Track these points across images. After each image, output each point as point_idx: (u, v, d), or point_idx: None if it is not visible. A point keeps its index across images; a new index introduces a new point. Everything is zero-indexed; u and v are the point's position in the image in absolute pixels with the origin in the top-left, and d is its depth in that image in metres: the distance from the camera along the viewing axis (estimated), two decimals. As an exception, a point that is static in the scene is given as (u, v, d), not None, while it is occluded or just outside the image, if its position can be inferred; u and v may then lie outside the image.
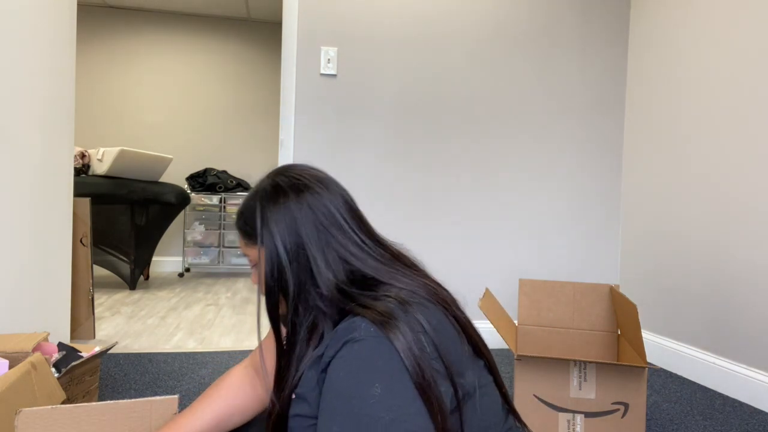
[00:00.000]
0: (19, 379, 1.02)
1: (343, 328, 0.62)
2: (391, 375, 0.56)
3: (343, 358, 0.59)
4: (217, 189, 4.46)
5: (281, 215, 0.69)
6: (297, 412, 0.65)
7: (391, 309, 0.61)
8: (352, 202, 0.74)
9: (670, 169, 2.23)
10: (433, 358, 0.59)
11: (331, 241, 0.69)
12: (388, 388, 0.56)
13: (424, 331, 0.61)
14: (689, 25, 2.15)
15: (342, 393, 0.57)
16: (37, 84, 1.80)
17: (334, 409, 0.56)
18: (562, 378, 1.32)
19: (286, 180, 0.72)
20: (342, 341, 0.60)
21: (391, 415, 0.54)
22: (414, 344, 0.58)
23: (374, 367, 0.57)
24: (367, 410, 0.54)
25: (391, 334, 0.58)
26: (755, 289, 1.80)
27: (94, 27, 4.63)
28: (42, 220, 1.86)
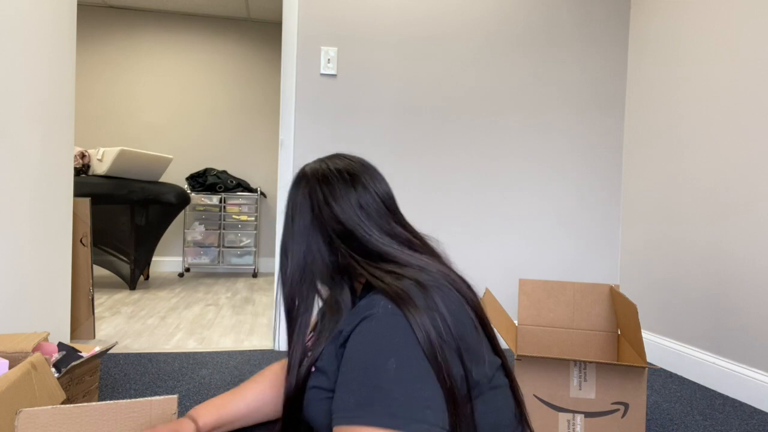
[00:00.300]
0: (19, 379, 1.02)
1: (363, 305, 0.64)
2: (406, 350, 0.58)
3: (360, 333, 0.61)
4: (217, 189, 4.46)
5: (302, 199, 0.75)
6: (315, 384, 0.67)
7: (409, 288, 0.63)
8: (388, 193, 0.78)
9: (670, 169, 2.23)
10: (446, 340, 0.60)
11: (360, 224, 0.72)
12: (402, 362, 0.57)
13: (440, 313, 0.62)
14: (689, 25, 2.15)
15: (358, 365, 0.59)
16: (37, 84, 1.80)
17: (351, 380, 0.58)
18: (562, 378, 1.31)
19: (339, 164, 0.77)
20: (360, 317, 0.62)
21: (404, 389, 0.56)
22: (429, 324, 0.60)
23: (390, 342, 0.59)
24: (382, 382, 0.56)
25: (407, 311, 0.60)
26: (755, 289, 1.80)
27: (94, 27, 4.63)
28: (42, 220, 1.86)
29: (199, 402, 1.61)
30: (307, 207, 0.74)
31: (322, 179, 0.75)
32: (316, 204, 0.73)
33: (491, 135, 2.46)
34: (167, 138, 4.75)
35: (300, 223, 0.74)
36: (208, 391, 1.70)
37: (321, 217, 0.73)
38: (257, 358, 2.11)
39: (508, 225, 2.48)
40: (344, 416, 0.57)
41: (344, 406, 0.58)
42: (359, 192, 0.74)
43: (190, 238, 4.49)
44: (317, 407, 0.67)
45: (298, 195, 0.76)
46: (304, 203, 0.75)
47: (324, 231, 0.72)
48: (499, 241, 2.47)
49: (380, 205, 0.74)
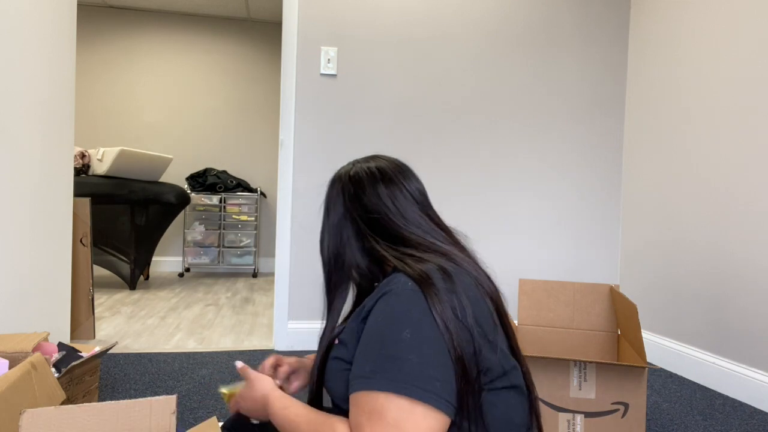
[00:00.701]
0: (19, 379, 1.02)
1: (385, 282, 0.68)
2: (421, 324, 0.61)
3: (379, 307, 0.65)
4: (217, 189, 4.46)
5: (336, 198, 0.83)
6: (337, 354, 0.72)
7: (431, 270, 0.67)
8: (419, 189, 0.84)
9: (670, 169, 2.23)
10: (461, 320, 0.63)
11: (386, 212, 0.78)
12: (417, 334, 0.60)
13: (458, 295, 0.65)
14: (689, 25, 2.15)
15: (375, 335, 0.62)
16: (37, 84, 1.80)
17: (368, 350, 0.62)
18: (562, 378, 1.32)
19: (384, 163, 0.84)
20: (381, 292, 0.67)
21: (417, 359, 0.59)
22: (447, 303, 0.63)
23: (407, 316, 0.62)
24: (397, 352, 0.60)
25: (426, 290, 0.64)
26: (755, 289, 1.80)
27: (94, 27, 4.63)
28: (42, 220, 1.86)
29: (198, 402, 1.61)
30: (340, 201, 0.81)
31: (353, 176, 0.82)
32: (347, 197, 0.81)
33: (491, 135, 2.46)
34: (167, 138, 4.75)
35: (334, 216, 0.81)
36: (208, 391, 1.70)
37: (351, 208, 0.80)
38: (257, 358, 2.11)
39: (508, 225, 2.48)
40: (360, 383, 0.60)
41: (360, 373, 0.61)
42: (387, 185, 0.80)
43: (190, 238, 4.49)
44: (336, 377, 0.70)
45: (332, 192, 0.84)
46: (337, 199, 0.82)
47: (354, 221, 0.79)
48: (499, 240, 2.47)
49: (409, 198, 0.80)
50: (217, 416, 1.47)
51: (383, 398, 0.57)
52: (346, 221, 0.80)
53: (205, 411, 1.54)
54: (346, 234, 0.80)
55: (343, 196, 0.82)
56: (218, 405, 1.59)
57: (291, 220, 2.28)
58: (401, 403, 0.57)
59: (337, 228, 0.81)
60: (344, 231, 0.80)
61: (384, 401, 0.57)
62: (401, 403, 0.57)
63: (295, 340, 2.28)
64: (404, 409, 0.57)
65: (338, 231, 0.81)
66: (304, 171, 2.29)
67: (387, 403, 0.57)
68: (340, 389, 0.69)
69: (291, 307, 2.29)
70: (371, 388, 0.59)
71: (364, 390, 0.59)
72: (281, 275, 2.28)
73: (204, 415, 1.52)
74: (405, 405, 0.57)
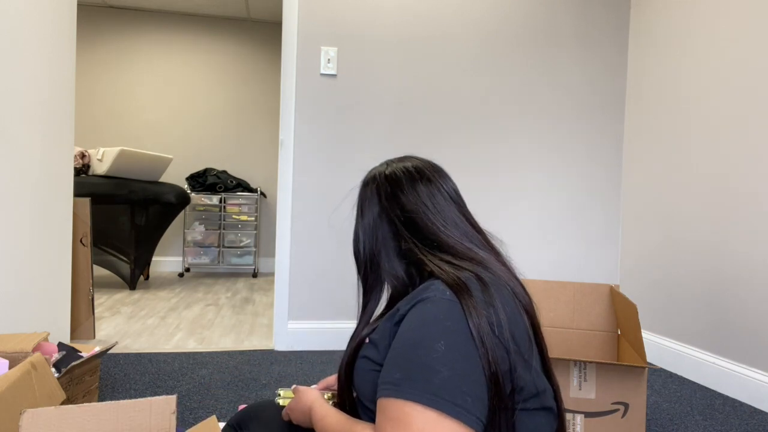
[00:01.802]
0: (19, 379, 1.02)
1: (421, 289, 0.67)
2: (456, 335, 0.59)
3: (415, 314, 0.63)
4: (217, 189, 4.46)
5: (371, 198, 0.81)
6: (366, 354, 0.71)
7: (468, 280, 0.65)
8: (455, 189, 0.83)
9: (670, 169, 2.23)
10: (497, 335, 0.61)
11: (425, 212, 0.76)
12: (451, 346, 0.58)
13: (496, 309, 0.63)
14: (689, 24, 2.15)
15: (408, 343, 0.60)
16: (37, 84, 1.80)
17: (398, 357, 0.60)
18: (562, 378, 1.31)
19: (418, 163, 0.83)
20: (417, 299, 0.65)
21: (449, 372, 0.57)
22: (484, 316, 0.61)
23: (443, 326, 0.60)
24: (429, 361, 0.58)
25: (463, 300, 0.62)
26: (755, 289, 1.80)
27: (94, 27, 4.63)
28: (42, 220, 1.86)
29: (198, 402, 1.61)
30: (376, 201, 0.80)
31: (390, 175, 0.80)
32: (384, 197, 0.79)
33: (491, 135, 2.46)
34: (167, 138, 4.75)
35: (369, 216, 0.80)
36: (208, 391, 1.70)
37: (388, 208, 0.78)
38: (257, 358, 2.11)
39: (508, 225, 2.48)
40: (388, 389, 0.59)
41: (389, 379, 0.59)
42: (425, 184, 0.78)
43: (190, 238, 4.49)
44: (363, 377, 0.70)
45: (366, 192, 0.82)
46: (372, 198, 0.80)
47: (391, 221, 0.78)
48: (499, 240, 2.46)
49: (446, 197, 0.79)
50: (216, 416, 1.47)
51: (410, 408, 0.56)
52: (382, 221, 0.78)
53: (205, 411, 1.54)
54: (382, 234, 0.78)
55: (379, 196, 0.80)
56: (218, 405, 1.59)
57: (291, 220, 2.28)
58: (429, 415, 0.55)
59: (373, 228, 0.79)
60: (380, 231, 0.79)
61: (411, 411, 0.55)
62: (429, 415, 0.55)
63: (295, 340, 2.28)
64: (431, 421, 0.55)
65: (374, 231, 0.79)
66: (304, 171, 2.29)
67: (414, 413, 0.55)
68: (366, 388, 0.69)
69: (291, 307, 2.29)
70: (399, 396, 0.57)
71: (391, 397, 0.58)
72: (281, 275, 2.28)
73: (204, 415, 1.52)
74: (432, 417, 0.55)
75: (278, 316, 2.28)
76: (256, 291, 3.82)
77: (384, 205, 0.78)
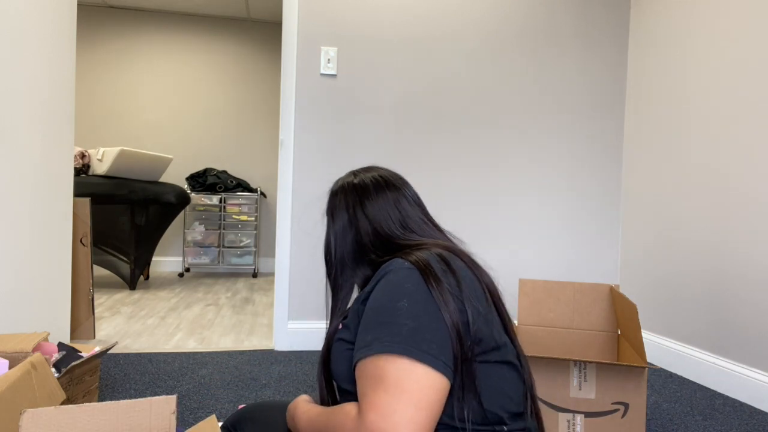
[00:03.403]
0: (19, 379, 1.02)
1: (383, 267, 0.72)
2: (417, 295, 0.65)
3: (380, 286, 0.69)
4: (217, 189, 4.46)
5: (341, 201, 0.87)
6: (340, 336, 0.75)
7: (427, 255, 0.71)
8: (417, 195, 0.91)
9: (670, 169, 2.23)
10: (454, 293, 0.66)
11: (387, 221, 0.83)
12: (413, 303, 0.64)
13: (454, 273, 0.68)
14: (689, 25, 2.15)
15: (374, 308, 0.66)
16: (37, 84, 1.80)
17: (367, 323, 0.65)
18: (562, 378, 1.32)
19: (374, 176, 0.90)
20: (380, 276, 0.70)
21: (414, 324, 0.61)
22: (442, 281, 0.66)
23: (403, 288, 0.66)
24: (394, 318, 0.62)
25: (421, 267, 0.67)
26: (755, 289, 1.80)
27: (94, 27, 4.63)
28: (42, 220, 1.86)
29: (198, 402, 1.61)
30: (343, 209, 0.86)
31: (358, 184, 0.87)
32: (352, 205, 0.85)
33: (491, 135, 2.46)
34: (167, 138, 4.75)
35: (339, 223, 0.85)
36: (208, 391, 1.70)
37: (355, 216, 0.84)
38: (257, 358, 2.11)
39: (508, 224, 2.48)
40: (359, 353, 0.63)
41: (361, 344, 0.63)
42: (392, 191, 0.86)
43: (190, 238, 4.49)
44: (339, 358, 0.73)
45: (336, 201, 0.88)
46: (341, 206, 0.86)
47: (358, 230, 0.84)
48: (499, 241, 2.47)
49: (411, 202, 0.86)
50: (216, 416, 1.47)
51: (383, 361, 0.59)
52: (351, 228, 0.84)
53: (205, 411, 1.54)
54: (351, 240, 0.84)
55: (347, 204, 0.86)
56: (218, 405, 1.59)
57: (291, 220, 2.28)
58: (400, 362, 0.58)
59: (342, 235, 0.85)
60: (348, 237, 0.84)
61: (384, 363, 0.59)
62: (400, 363, 0.58)
63: (295, 340, 2.28)
64: (404, 368, 0.58)
65: (343, 237, 0.85)
66: (304, 171, 2.29)
67: (386, 364, 0.59)
68: (343, 369, 0.72)
69: (291, 307, 2.29)
70: (371, 353, 0.60)
71: (364, 358, 0.61)
72: (281, 275, 2.28)
73: (204, 415, 1.52)
74: (404, 364, 0.58)
75: (278, 316, 2.28)
76: (256, 291, 3.82)
77: (351, 213, 0.85)
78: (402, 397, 0.56)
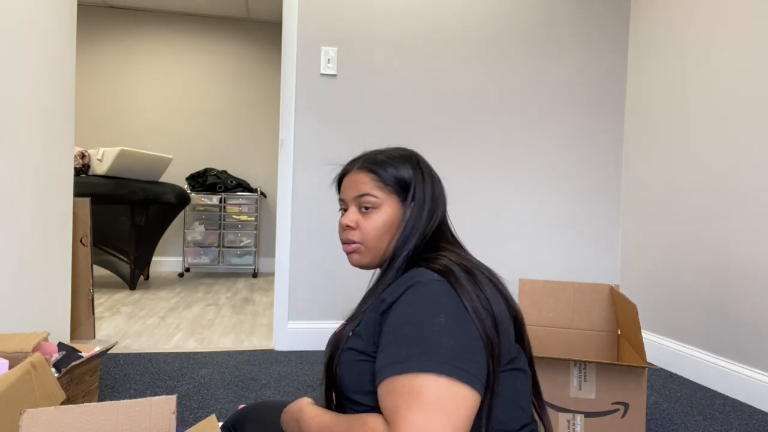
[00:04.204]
0: (19, 379, 1.02)
1: (406, 277, 0.70)
2: (453, 309, 0.64)
3: (407, 299, 0.66)
4: (217, 189, 4.46)
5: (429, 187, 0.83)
6: (351, 345, 0.72)
7: (451, 265, 0.70)
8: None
9: (670, 169, 2.23)
10: (485, 307, 0.66)
11: (432, 219, 0.81)
12: (451, 319, 0.62)
13: (480, 286, 0.68)
14: (689, 25, 2.15)
15: (409, 322, 0.63)
16: (38, 84, 1.80)
17: (400, 337, 0.62)
18: (562, 378, 1.32)
19: (425, 162, 0.87)
20: (405, 286, 0.68)
21: (452, 342, 0.60)
22: (472, 292, 0.66)
23: (439, 303, 0.64)
24: (433, 335, 0.60)
25: (451, 280, 0.67)
26: (755, 289, 1.80)
27: (94, 27, 4.63)
28: (42, 220, 1.86)
29: (198, 402, 1.61)
30: (429, 185, 0.83)
31: (437, 178, 0.85)
32: (433, 184, 0.83)
33: (491, 135, 2.46)
34: (167, 138, 4.75)
35: (420, 194, 0.81)
36: (208, 391, 1.70)
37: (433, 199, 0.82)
38: (257, 358, 2.11)
39: (508, 225, 2.48)
40: (392, 369, 0.60)
41: (394, 359, 0.60)
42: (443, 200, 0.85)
43: (190, 238, 4.49)
44: (349, 368, 0.71)
45: (422, 170, 0.83)
46: (426, 179, 0.83)
47: (430, 212, 0.81)
48: (499, 240, 2.47)
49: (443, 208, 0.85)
50: (216, 416, 1.47)
51: (422, 378, 0.57)
52: (430, 205, 0.82)
53: (205, 411, 1.54)
54: (425, 218, 0.81)
55: (433, 181, 0.84)
56: (218, 405, 1.59)
57: (291, 220, 2.28)
58: (441, 382, 0.57)
59: (420, 207, 0.81)
60: (423, 214, 0.81)
61: (423, 381, 0.57)
62: (441, 383, 0.57)
63: (295, 340, 2.28)
64: (444, 388, 0.56)
65: (420, 211, 0.81)
66: (304, 171, 2.29)
67: (426, 382, 0.57)
68: (352, 379, 0.70)
69: (291, 307, 2.29)
70: (408, 371, 0.58)
71: (399, 374, 0.59)
72: (281, 275, 2.28)
73: (204, 415, 1.52)
74: (445, 384, 0.57)
75: (278, 316, 2.28)
76: (256, 291, 3.82)
77: (432, 190, 0.82)
78: (441, 417, 0.54)
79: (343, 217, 0.83)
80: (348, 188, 0.84)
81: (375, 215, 0.80)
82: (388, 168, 0.82)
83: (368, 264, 0.83)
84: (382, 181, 0.81)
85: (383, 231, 0.80)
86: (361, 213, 0.81)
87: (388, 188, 0.81)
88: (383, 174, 0.81)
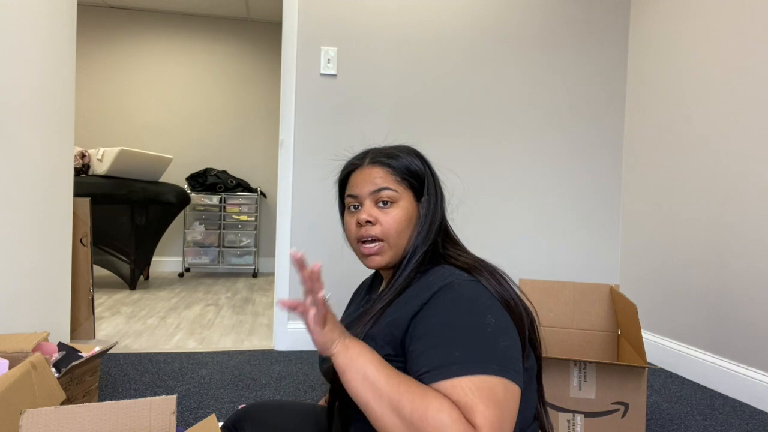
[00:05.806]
0: (19, 379, 1.02)
1: (435, 277, 0.70)
2: (497, 309, 0.66)
3: (445, 299, 0.66)
4: (217, 189, 4.46)
5: (437, 182, 0.84)
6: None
7: (472, 263, 0.72)
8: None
9: (670, 169, 2.23)
10: (517, 305, 0.70)
11: (443, 217, 0.82)
12: (498, 319, 0.65)
13: (508, 286, 0.71)
14: (689, 25, 2.15)
15: (458, 324, 0.63)
16: (37, 84, 1.80)
17: (453, 338, 0.62)
18: (562, 378, 1.31)
19: (427, 159, 0.87)
20: (437, 286, 0.68)
21: (506, 342, 0.63)
22: (506, 291, 0.69)
23: (481, 303, 0.66)
24: (486, 335, 0.62)
25: (483, 280, 0.68)
26: (755, 289, 1.80)
27: (94, 27, 4.63)
28: (42, 220, 1.86)
29: (198, 402, 1.61)
30: (438, 189, 0.84)
31: (438, 181, 0.85)
32: (435, 180, 0.83)
33: (491, 135, 2.46)
34: (167, 138, 4.75)
35: (433, 188, 0.82)
36: (208, 391, 1.70)
37: (437, 195, 0.82)
38: (257, 358, 2.11)
39: (507, 225, 2.48)
40: (453, 370, 0.60)
41: (449, 361, 0.60)
42: (442, 198, 0.85)
43: (190, 238, 4.49)
44: None
45: (433, 174, 0.84)
46: (437, 185, 0.84)
47: (438, 205, 0.82)
48: (499, 241, 2.47)
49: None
50: (216, 416, 1.47)
51: (492, 380, 0.59)
52: (440, 200, 0.83)
53: (205, 411, 1.54)
54: (440, 212, 0.83)
55: (433, 175, 0.84)
56: (218, 405, 1.59)
57: (291, 220, 2.28)
58: (506, 382, 0.60)
59: (436, 201, 0.82)
60: (439, 208, 0.82)
61: (492, 381, 0.59)
62: (506, 383, 0.60)
63: (295, 340, 2.28)
64: (510, 388, 0.60)
65: (436, 205, 0.81)
66: (304, 171, 2.29)
67: (495, 382, 0.59)
68: None
69: (291, 307, 2.28)
70: (470, 373, 0.59)
71: (461, 376, 0.59)
72: (281, 275, 2.28)
73: (204, 415, 1.52)
74: (509, 385, 0.60)
75: (278, 316, 2.28)
76: (256, 291, 3.82)
77: (436, 186, 0.83)
78: (509, 416, 0.59)
79: (360, 212, 0.78)
80: (362, 183, 0.79)
81: (394, 210, 0.77)
82: (402, 162, 0.81)
83: (387, 264, 0.78)
84: (398, 175, 0.79)
85: (404, 226, 0.77)
86: (379, 208, 0.78)
87: (405, 182, 0.80)
88: (398, 168, 0.80)
